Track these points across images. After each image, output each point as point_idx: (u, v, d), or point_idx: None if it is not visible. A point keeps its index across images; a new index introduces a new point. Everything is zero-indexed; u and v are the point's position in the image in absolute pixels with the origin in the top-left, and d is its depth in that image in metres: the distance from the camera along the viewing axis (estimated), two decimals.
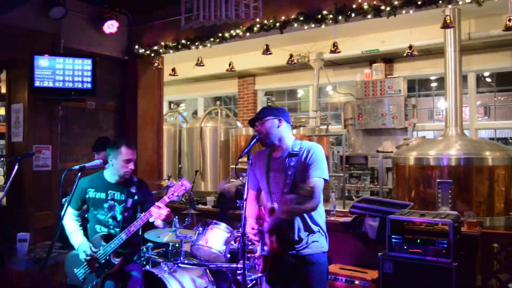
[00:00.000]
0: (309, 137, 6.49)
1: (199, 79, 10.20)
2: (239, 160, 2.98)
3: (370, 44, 7.49)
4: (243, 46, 6.65)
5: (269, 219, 2.87)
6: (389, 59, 8.05)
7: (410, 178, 5.19)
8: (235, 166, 5.99)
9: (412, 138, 6.75)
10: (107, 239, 3.32)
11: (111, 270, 3.28)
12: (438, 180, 4.67)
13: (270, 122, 2.94)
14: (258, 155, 3.15)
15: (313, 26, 4.83)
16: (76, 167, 3.44)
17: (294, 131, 6.46)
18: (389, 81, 7.42)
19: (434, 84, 8.65)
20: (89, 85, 5.54)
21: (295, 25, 4.88)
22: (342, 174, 6.29)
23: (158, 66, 6.25)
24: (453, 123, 5.29)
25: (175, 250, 3.99)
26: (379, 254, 3.83)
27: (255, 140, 2.93)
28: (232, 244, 3.95)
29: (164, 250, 4.14)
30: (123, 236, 3.26)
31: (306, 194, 2.62)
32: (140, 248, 3.62)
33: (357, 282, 4.13)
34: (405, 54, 5.34)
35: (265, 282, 3.09)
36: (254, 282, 3.89)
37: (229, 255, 3.92)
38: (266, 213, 2.96)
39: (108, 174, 3.47)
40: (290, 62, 6.83)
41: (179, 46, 5.81)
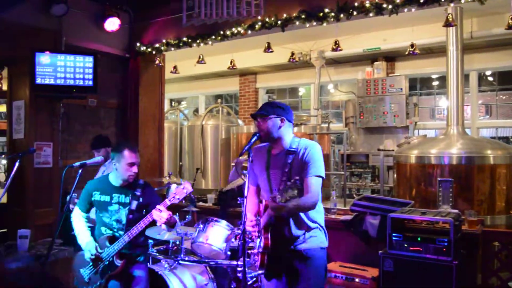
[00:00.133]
0: (310, 135, 6.48)
1: (201, 77, 10.20)
2: (241, 158, 2.99)
3: (372, 42, 7.48)
4: (245, 44, 6.65)
5: (264, 216, 2.87)
6: (390, 58, 8.03)
7: (411, 176, 5.17)
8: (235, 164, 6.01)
9: (413, 136, 6.73)
10: (112, 241, 3.33)
11: (114, 272, 3.29)
12: (439, 178, 4.65)
13: (272, 121, 2.92)
14: (258, 151, 3.13)
15: (314, 24, 4.83)
16: (77, 164, 3.47)
17: (295, 129, 6.47)
18: (390, 79, 7.41)
19: (435, 82, 8.64)
20: (90, 82, 5.55)
21: (297, 23, 4.87)
22: (343, 172, 6.29)
23: (160, 64, 6.25)
24: (454, 122, 5.27)
25: (176, 247, 3.98)
26: (380, 252, 3.83)
27: (255, 138, 2.93)
28: (232, 241, 3.95)
29: (164, 247, 4.14)
30: (126, 238, 3.26)
31: (291, 194, 2.58)
32: (146, 249, 3.60)
33: (357, 280, 4.13)
34: (407, 52, 5.33)
35: (263, 277, 3.09)
36: (255, 279, 3.91)
37: (229, 253, 3.93)
38: (262, 209, 2.96)
39: (112, 177, 3.46)
40: (291, 60, 6.82)
41: (181, 44, 5.80)
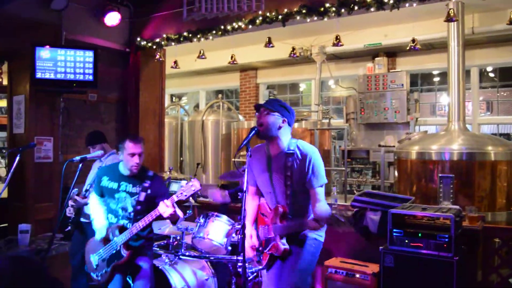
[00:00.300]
0: (311, 130, 6.47)
1: (201, 72, 10.18)
2: (240, 153, 2.99)
3: (373, 37, 7.45)
4: (245, 39, 6.62)
5: (284, 224, 2.91)
6: (391, 53, 8.01)
7: (412, 172, 5.17)
8: (235, 159, 5.99)
9: (414, 132, 6.72)
10: (122, 231, 3.36)
11: (120, 262, 3.31)
12: (440, 174, 4.64)
13: (275, 118, 2.93)
14: (256, 151, 3.14)
15: (315, 19, 4.80)
16: (77, 158, 3.50)
17: (296, 125, 6.46)
18: (391, 75, 7.38)
19: (436, 78, 8.61)
20: (90, 77, 5.54)
21: (298, 17, 4.85)
22: (343, 168, 6.28)
23: (160, 59, 6.24)
24: (455, 118, 5.25)
25: (176, 242, 4.00)
26: (380, 247, 3.82)
27: (254, 132, 2.91)
28: (233, 236, 3.95)
29: (165, 242, 4.15)
30: (133, 229, 3.29)
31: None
32: (151, 242, 3.62)
33: (357, 275, 4.13)
34: (408, 48, 5.30)
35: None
36: (255, 274, 3.91)
37: (230, 248, 3.93)
38: (272, 213, 2.97)
39: (121, 166, 3.51)
40: (292, 55, 6.79)
41: (181, 39, 5.79)
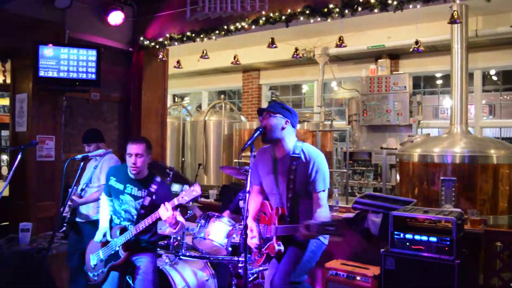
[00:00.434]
0: (313, 132, 6.46)
1: (204, 73, 10.18)
2: (243, 154, 3.00)
3: (376, 39, 7.44)
4: (248, 40, 6.62)
5: (279, 226, 2.90)
6: (394, 55, 8.00)
7: (414, 175, 5.16)
8: (238, 160, 6.00)
9: (416, 135, 6.70)
10: (123, 232, 3.37)
11: (117, 262, 3.33)
12: (442, 177, 4.62)
13: (277, 120, 2.97)
14: (262, 152, 3.17)
15: (319, 19, 4.78)
16: (79, 157, 3.51)
17: (298, 126, 6.43)
18: (394, 77, 7.37)
19: (439, 81, 8.60)
20: (93, 76, 5.54)
21: (301, 18, 4.84)
22: (345, 170, 6.27)
23: (163, 58, 6.23)
24: (458, 121, 5.24)
25: (177, 243, 3.99)
26: (381, 250, 3.81)
27: (259, 132, 2.93)
28: (234, 237, 3.95)
29: (165, 242, 4.14)
30: (133, 231, 3.30)
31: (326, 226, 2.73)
32: (155, 245, 3.61)
33: (358, 278, 4.11)
34: (411, 49, 5.28)
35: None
36: (255, 275, 3.90)
37: (230, 248, 3.93)
38: (273, 214, 2.98)
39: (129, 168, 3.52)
40: (295, 56, 6.79)
41: (184, 38, 5.77)
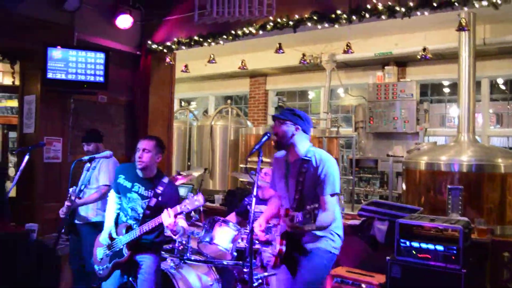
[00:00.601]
0: (319, 138, 6.45)
1: (211, 77, 10.19)
2: (249, 159, 3.00)
3: (383, 46, 7.42)
4: (255, 45, 6.63)
5: (282, 224, 2.90)
6: (402, 63, 7.96)
7: (420, 183, 5.12)
8: (245, 165, 5.97)
9: (423, 143, 6.67)
10: (128, 230, 3.38)
11: (120, 260, 3.35)
12: (449, 186, 4.59)
13: (287, 126, 2.98)
14: (277, 160, 3.21)
15: (326, 25, 4.79)
16: (85, 158, 3.52)
17: None
18: (401, 84, 7.34)
19: (447, 90, 8.56)
20: (101, 78, 5.57)
21: (309, 24, 4.84)
22: (351, 177, 6.24)
23: (170, 62, 6.26)
24: (465, 129, 5.21)
25: (182, 246, 3.98)
26: (387, 258, 3.79)
27: (266, 137, 2.96)
28: (239, 242, 3.93)
29: (171, 245, 4.13)
30: (137, 232, 3.31)
31: (308, 216, 2.62)
32: (160, 246, 3.62)
33: (364, 286, 4.09)
34: (419, 56, 5.28)
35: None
36: (260, 281, 3.88)
37: (235, 253, 3.91)
38: (282, 216, 2.99)
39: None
40: (302, 61, 6.79)
41: (192, 43, 5.80)
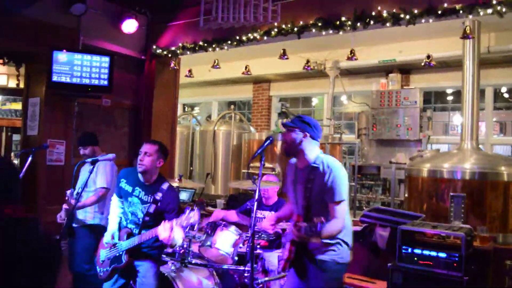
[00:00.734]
0: (322, 145, 6.45)
1: (214, 83, 10.22)
2: (252, 164, 3.00)
3: (387, 53, 7.43)
4: (259, 51, 6.65)
5: (292, 229, 2.90)
6: (405, 70, 7.98)
7: (422, 190, 5.11)
8: (247, 170, 5.99)
9: (426, 150, 6.66)
10: (129, 237, 3.39)
11: (119, 266, 3.38)
12: (451, 193, 4.58)
13: (295, 134, 2.99)
14: (289, 166, 3.22)
15: (331, 32, 4.81)
16: (88, 160, 3.55)
17: None
18: (405, 92, 7.34)
19: (450, 97, 8.56)
20: (105, 82, 5.60)
21: (313, 30, 4.87)
22: (353, 184, 6.24)
23: (175, 67, 6.29)
24: (468, 137, 5.19)
25: (183, 250, 3.98)
26: (389, 264, 3.77)
27: (269, 142, 2.97)
28: (240, 246, 3.93)
29: (172, 249, 4.13)
30: (137, 240, 3.32)
31: (314, 229, 2.58)
32: (159, 251, 3.61)
33: None
34: (423, 64, 5.27)
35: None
36: (261, 286, 3.87)
37: (236, 258, 3.91)
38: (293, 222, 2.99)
39: None
40: (306, 67, 6.81)
41: (197, 48, 5.83)
